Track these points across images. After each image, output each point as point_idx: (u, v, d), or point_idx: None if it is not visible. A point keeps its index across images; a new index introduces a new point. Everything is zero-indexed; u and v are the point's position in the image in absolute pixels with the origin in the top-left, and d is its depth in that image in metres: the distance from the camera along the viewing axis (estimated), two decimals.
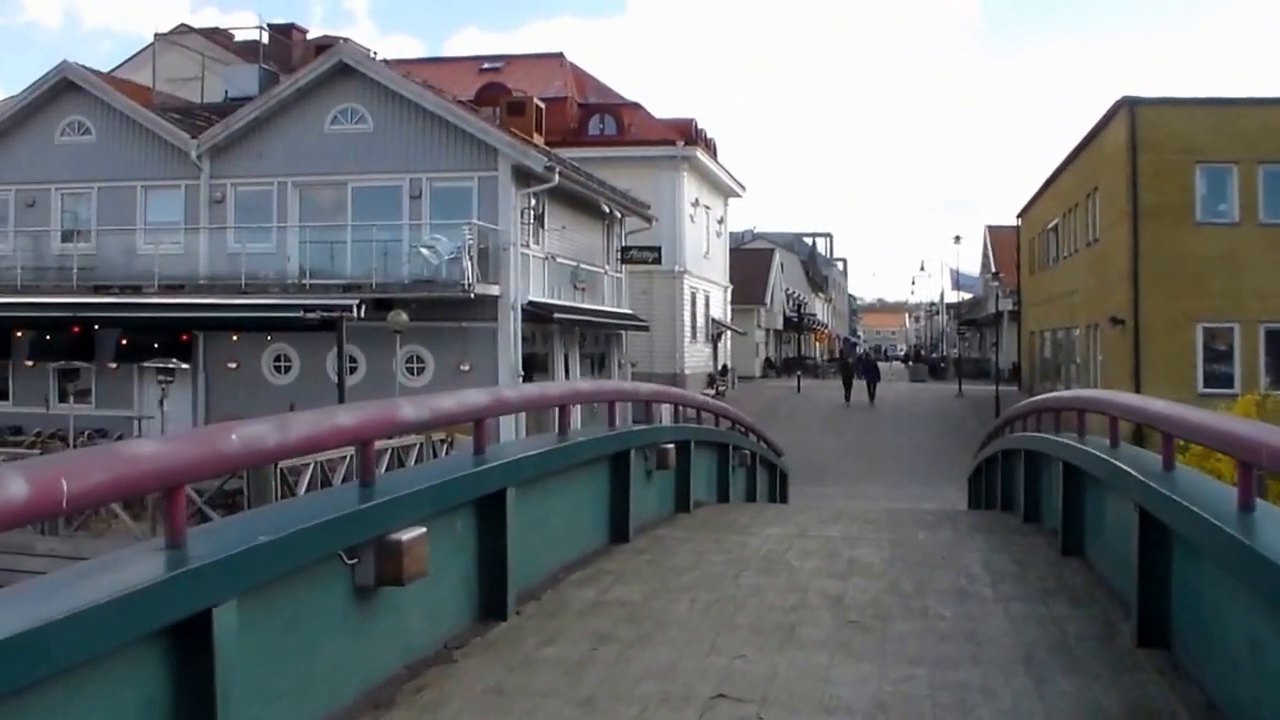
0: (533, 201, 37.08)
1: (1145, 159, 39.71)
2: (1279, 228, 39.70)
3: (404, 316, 31.36)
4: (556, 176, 36.32)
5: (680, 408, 17.28)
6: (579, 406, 16.87)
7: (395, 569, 6.59)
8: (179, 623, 4.92)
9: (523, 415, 27.17)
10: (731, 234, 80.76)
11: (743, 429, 22.06)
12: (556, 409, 10.88)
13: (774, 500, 24.96)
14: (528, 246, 36.87)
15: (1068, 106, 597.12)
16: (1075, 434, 11.53)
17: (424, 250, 33.65)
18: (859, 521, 15.12)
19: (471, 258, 33.48)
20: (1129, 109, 40.61)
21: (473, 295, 33.54)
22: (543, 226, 38.43)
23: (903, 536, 13.40)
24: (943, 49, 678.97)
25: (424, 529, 6.90)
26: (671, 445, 13.97)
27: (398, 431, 8.79)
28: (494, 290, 34.69)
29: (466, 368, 34.95)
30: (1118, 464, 8.98)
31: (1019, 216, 70.31)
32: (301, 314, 31.06)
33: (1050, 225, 58.64)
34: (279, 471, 21.01)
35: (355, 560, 6.52)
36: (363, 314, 31.19)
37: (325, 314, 30.73)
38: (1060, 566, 10.97)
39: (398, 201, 36.39)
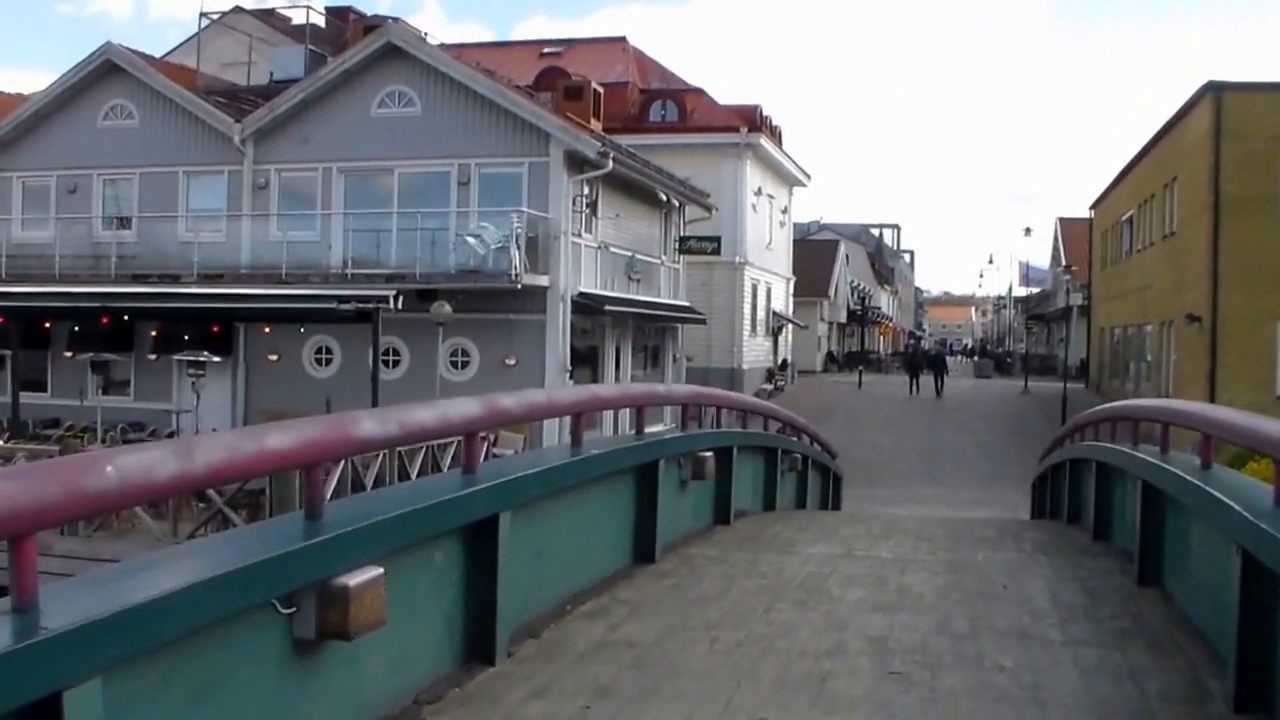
0: (586, 189, 35.91)
1: (1229, 147, 38.27)
2: None
3: (447, 308, 30.20)
4: (610, 162, 35.05)
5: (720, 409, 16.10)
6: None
7: (340, 620, 5.39)
8: (15, 711, 3.76)
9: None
10: (797, 225, 79.97)
11: (794, 430, 20.87)
12: (572, 414, 9.67)
13: (825, 507, 23.83)
14: (579, 235, 35.70)
15: (1145, 96, 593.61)
16: (1157, 448, 10.27)
17: (470, 239, 32.42)
18: (913, 537, 13.90)
19: (520, 247, 32.27)
20: (1214, 95, 39.21)
21: (520, 286, 32.35)
22: (596, 215, 37.21)
23: (960, 558, 12.17)
24: (1016, 36, 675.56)
25: (379, 570, 5.65)
26: (710, 453, 12.73)
27: (353, 452, 7.55)
28: (543, 281, 33.53)
29: (513, 361, 33.88)
30: (1214, 493, 7.61)
31: (1091, 208, 68.93)
32: (336, 305, 29.98)
33: (1125, 217, 57.25)
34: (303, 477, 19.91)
35: (294, 609, 5.33)
36: (400, 305, 30.01)
37: (360, 305, 29.66)
38: (1137, 600, 9.67)
39: (445, 188, 35.33)
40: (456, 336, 33.63)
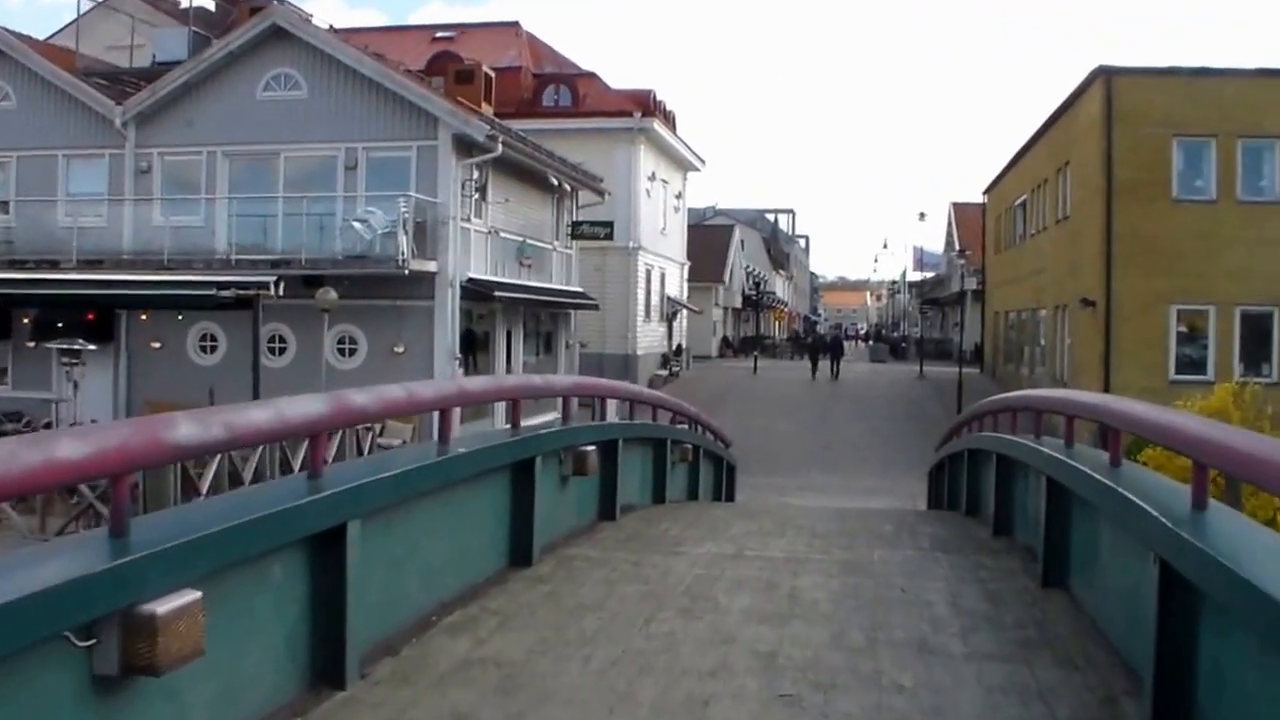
0: (475, 173, 35.32)
1: (1120, 132, 38.35)
2: (1257, 205, 38.62)
3: (333, 294, 29.54)
4: (500, 146, 34.48)
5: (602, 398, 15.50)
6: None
7: (148, 653, 4.70)
8: None
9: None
10: (692, 210, 79.73)
11: (684, 419, 20.38)
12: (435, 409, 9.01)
13: (719, 498, 23.30)
14: (469, 220, 35.12)
15: (1040, 82, 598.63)
16: (1061, 441, 9.82)
17: (356, 224, 31.78)
18: (806, 534, 13.33)
19: (407, 232, 31.69)
20: (1105, 79, 39.26)
21: (408, 272, 31.78)
22: (486, 200, 36.63)
23: (856, 557, 11.60)
24: (911, 19, 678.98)
25: (197, 594, 4.96)
26: (592, 447, 12.11)
27: (168, 460, 6.83)
28: (431, 266, 32.95)
29: (401, 349, 33.31)
30: (1126, 495, 7.07)
31: (985, 193, 69.19)
32: (215, 292, 29.10)
33: (1018, 201, 57.36)
34: (180, 468, 19.21)
35: (94, 641, 4.65)
36: (282, 291, 29.22)
37: (240, 292, 28.78)
38: (1042, 604, 9.12)
39: (332, 172, 34.65)
40: (344, 323, 32.97)
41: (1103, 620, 8.12)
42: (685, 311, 70.60)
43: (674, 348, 66.00)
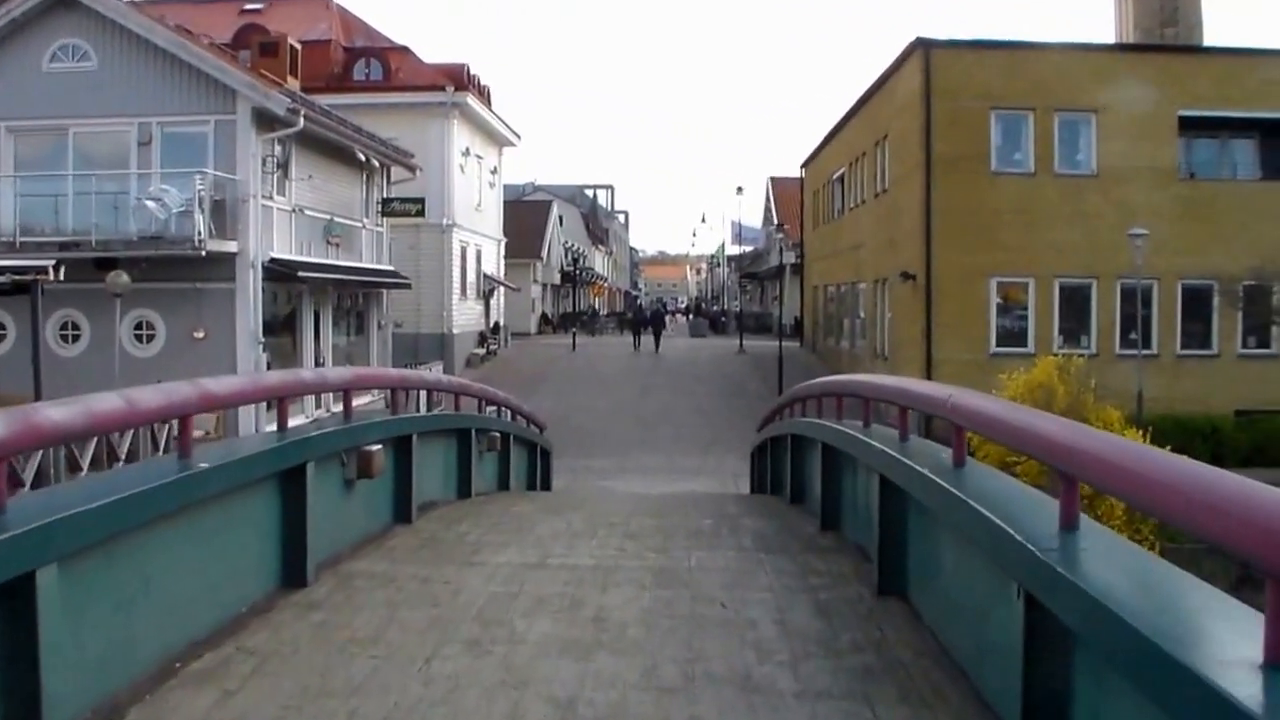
0: (276, 148, 33.87)
1: (939, 105, 38.34)
2: (1074, 178, 38.78)
3: (124, 278, 28.02)
4: (302, 120, 33.17)
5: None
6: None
7: None
8: None
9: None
10: (509, 187, 79.26)
11: (496, 406, 19.42)
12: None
13: (534, 486, 22.29)
14: (271, 198, 33.72)
15: (858, 56, 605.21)
16: (893, 431, 8.95)
17: (150, 203, 30.26)
18: (619, 534, 12.18)
19: (204, 210, 30.31)
20: (922, 52, 39.19)
21: (205, 253, 30.37)
22: (289, 176, 35.21)
23: (672, 562, 10.44)
24: None
25: None
26: (378, 446, 10.95)
27: None
28: (231, 247, 31.53)
29: (201, 334, 31.83)
30: (979, 509, 6.03)
31: (802, 167, 68.91)
32: None
33: (836, 176, 57.15)
34: None
35: None
36: (64, 275, 27.40)
37: (17, 277, 26.98)
38: (879, 618, 8.05)
39: (125, 148, 32.88)
40: (140, 308, 31.41)
41: (949, 637, 7.13)
42: (503, 289, 69.87)
43: (492, 325, 65.14)
